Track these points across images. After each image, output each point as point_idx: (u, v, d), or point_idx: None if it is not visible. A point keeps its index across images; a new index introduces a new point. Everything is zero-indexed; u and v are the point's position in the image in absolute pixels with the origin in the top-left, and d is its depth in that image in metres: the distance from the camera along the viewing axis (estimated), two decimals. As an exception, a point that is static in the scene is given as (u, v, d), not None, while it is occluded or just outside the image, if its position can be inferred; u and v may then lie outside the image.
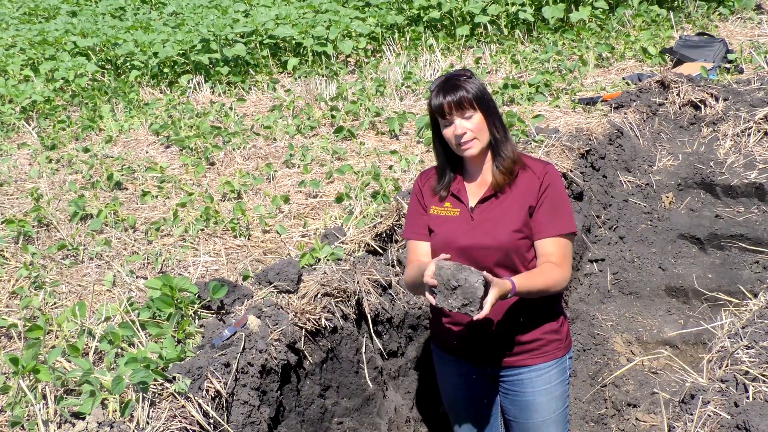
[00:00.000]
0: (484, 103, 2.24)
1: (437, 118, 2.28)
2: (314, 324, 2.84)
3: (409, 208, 2.48)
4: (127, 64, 7.34)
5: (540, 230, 2.26)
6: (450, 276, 2.03)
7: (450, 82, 2.24)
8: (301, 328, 2.80)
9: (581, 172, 4.49)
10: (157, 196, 4.09)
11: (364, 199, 3.85)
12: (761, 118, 4.77)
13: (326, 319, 2.89)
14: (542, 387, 2.37)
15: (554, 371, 2.37)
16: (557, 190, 2.27)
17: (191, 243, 3.49)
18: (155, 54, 7.06)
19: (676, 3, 7.84)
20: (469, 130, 2.23)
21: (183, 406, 2.21)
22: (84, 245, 3.48)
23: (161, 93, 6.50)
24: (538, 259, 2.28)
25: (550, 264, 2.23)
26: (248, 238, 3.56)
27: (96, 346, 2.50)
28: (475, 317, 2.02)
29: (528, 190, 2.27)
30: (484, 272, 2.03)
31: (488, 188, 2.31)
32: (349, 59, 7.68)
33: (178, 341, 2.53)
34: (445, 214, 2.35)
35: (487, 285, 2.03)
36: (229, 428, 2.32)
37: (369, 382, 3.04)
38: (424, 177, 2.46)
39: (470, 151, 2.26)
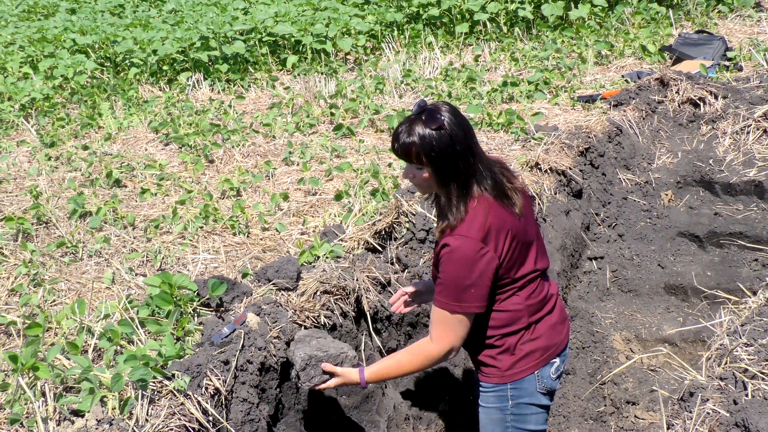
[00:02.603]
0: (434, 162, 2.05)
1: None
2: (313, 321, 2.85)
3: None
4: (127, 61, 7.32)
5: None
6: (294, 341, 2.49)
7: (409, 125, 2.06)
8: (301, 325, 2.80)
9: (580, 170, 4.49)
10: (156, 194, 4.08)
11: (364, 196, 3.85)
12: (760, 116, 4.77)
13: (325, 317, 2.89)
14: (482, 403, 2.39)
15: (491, 394, 2.35)
16: (447, 268, 2.14)
17: (190, 240, 3.49)
18: (154, 51, 7.04)
19: (675, 1, 7.84)
20: (410, 177, 2.14)
21: (182, 404, 2.22)
22: (83, 243, 3.48)
23: (160, 90, 6.49)
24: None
25: (421, 344, 2.25)
26: (247, 236, 3.56)
27: (95, 343, 2.50)
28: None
29: (436, 252, 2.21)
30: (329, 366, 2.38)
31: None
32: (348, 57, 7.67)
33: (178, 339, 2.53)
34: None
35: (310, 363, 2.38)
36: (228, 426, 2.32)
37: (368, 379, 3.04)
38: None
39: (418, 193, 2.24)
